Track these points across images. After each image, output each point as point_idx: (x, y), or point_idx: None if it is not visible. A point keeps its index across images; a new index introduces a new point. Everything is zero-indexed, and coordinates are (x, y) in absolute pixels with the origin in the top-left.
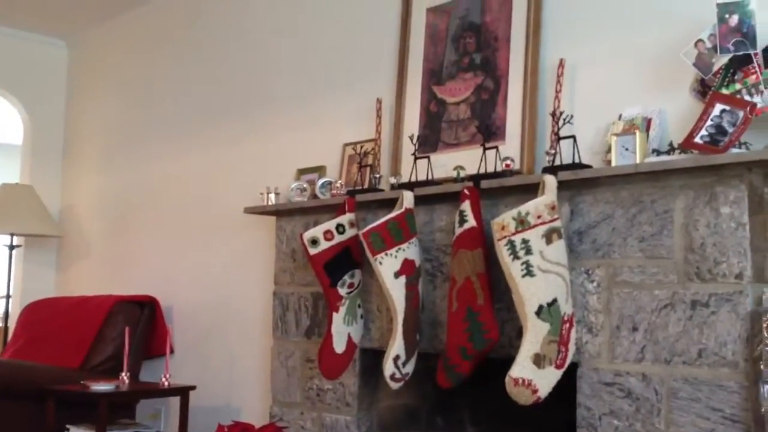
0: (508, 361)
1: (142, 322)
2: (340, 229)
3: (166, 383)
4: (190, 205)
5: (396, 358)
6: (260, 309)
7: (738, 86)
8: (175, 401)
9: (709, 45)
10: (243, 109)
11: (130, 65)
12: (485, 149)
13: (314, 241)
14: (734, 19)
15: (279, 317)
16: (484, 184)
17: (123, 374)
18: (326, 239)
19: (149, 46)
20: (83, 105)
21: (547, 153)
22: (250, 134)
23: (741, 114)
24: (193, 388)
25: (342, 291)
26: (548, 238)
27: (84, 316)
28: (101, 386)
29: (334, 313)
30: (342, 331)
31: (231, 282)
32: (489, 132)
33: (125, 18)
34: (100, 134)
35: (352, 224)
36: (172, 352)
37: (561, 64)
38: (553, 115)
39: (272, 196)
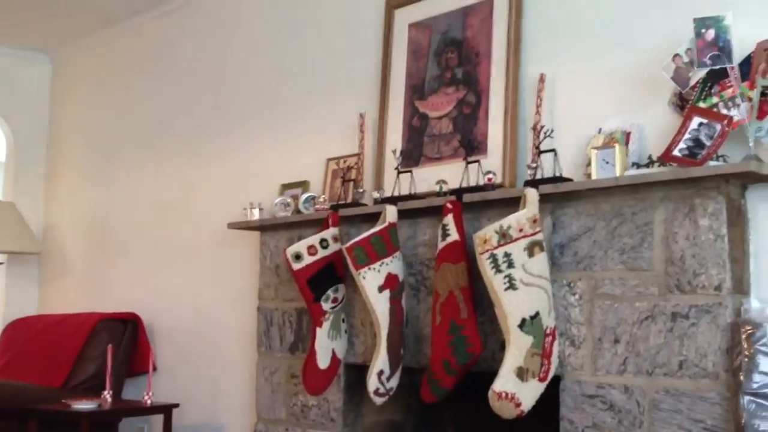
0: (492, 375)
1: (124, 340)
2: (323, 243)
3: (149, 401)
4: (174, 221)
5: (380, 373)
6: (244, 325)
7: (715, 100)
8: (158, 419)
9: (686, 59)
10: (227, 124)
11: (114, 81)
12: (467, 163)
13: (298, 256)
14: (711, 34)
15: (263, 333)
16: (467, 197)
17: (105, 392)
18: (310, 254)
19: (133, 61)
20: (67, 121)
21: (529, 167)
22: (234, 149)
23: (718, 127)
24: (176, 405)
25: (326, 306)
26: (530, 251)
27: (67, 334)
28: (83, 405)
29: (318, 328)
30: (326, 346)
31: (214, 298)
32: (471, 146)
33: (109, 33)
34: (84, 150)
35: (335, 239)
36: (155, 369)
37: (541, 79)
38: (534, 129)
39: (256, 211)
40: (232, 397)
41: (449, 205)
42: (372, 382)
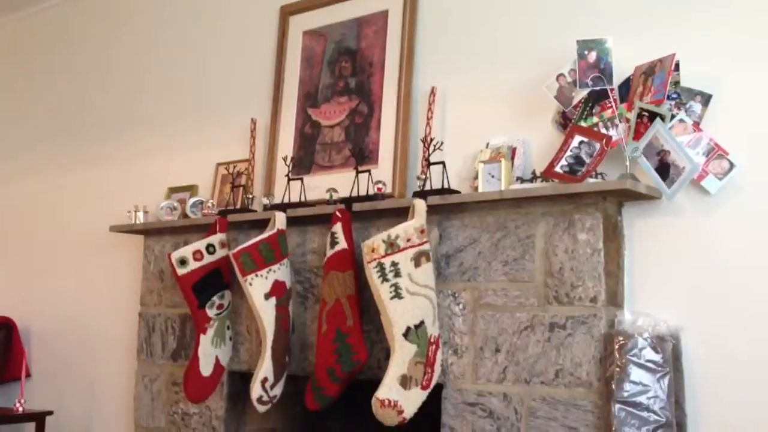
0: (377, 383)
1: None
2: (210, 249)
3: (21, 408)
4: (54, 223)
5: (264, 381)
6: (125, 331)
7: (596, 119)
8: (30, 428)
9: (569, 79)
10: (114, 124)
11: None
12: (358, 172)
13: (183, 261)
14: (593, 56)
15: (144, 339)
16: (356, 206)
17: None
18: (195, 259)
19: (17, 59)
20: None
21: (418, 178)
22: (121, 151)
23: (598, 146)
24: (50, 413)
25: (210, 312)
26: (417, 261)
27: None
28: None
29: (202, 335)
30: (209, 353)
31: (94, 303)
32: (362, 155)
33: None
34: None
35: (222, 244)
36: (28, 375)
37: (432, 92)
38: (424, 141)
39: (141, 214)
40: (110, 404)
41: (338, 214)
42: (256, 390)
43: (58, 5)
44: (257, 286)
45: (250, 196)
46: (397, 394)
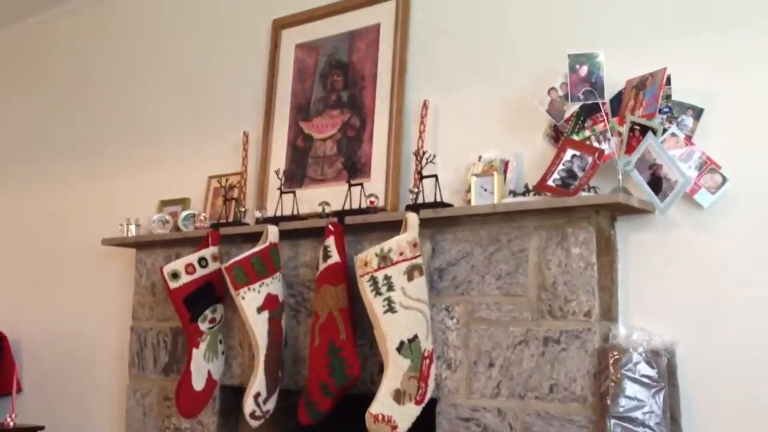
0: (370, 397)
1: None
2: (202, 262)
3: (12, 423)
4: (46, 236)
5: (257, 395)
6: (117, 345)
7: (587, 133)
8: None
9: (561, 93)
10: (106, 138)
11: None
12: (350, 186)
13: (175, 275)
14: (584, 70)
15: (136, 353)
16: (349, 220)
17: None
18: (188, 273)
19: (10, 71)
20: None
21: (411, 191)
22: (113, 164)
23: (590, 159)
24: (41, 428)
25: (203, 326)
26: (410, 274)
27: None
28: None
29: (194, 349)
30: (202, 367)
31: (86, 316)
32: (354, 169)
33: None
34: None
35: (215, 258)
36: (19, 389)
37: (425, 105)
38: (417, 154)
39: (132, 227)
40: (101, 419)
41: (331, 227)
42: (248, 405)
43: (50, 19)
44: (250, 300)
45: (243, 209)
46: (390, 409)
